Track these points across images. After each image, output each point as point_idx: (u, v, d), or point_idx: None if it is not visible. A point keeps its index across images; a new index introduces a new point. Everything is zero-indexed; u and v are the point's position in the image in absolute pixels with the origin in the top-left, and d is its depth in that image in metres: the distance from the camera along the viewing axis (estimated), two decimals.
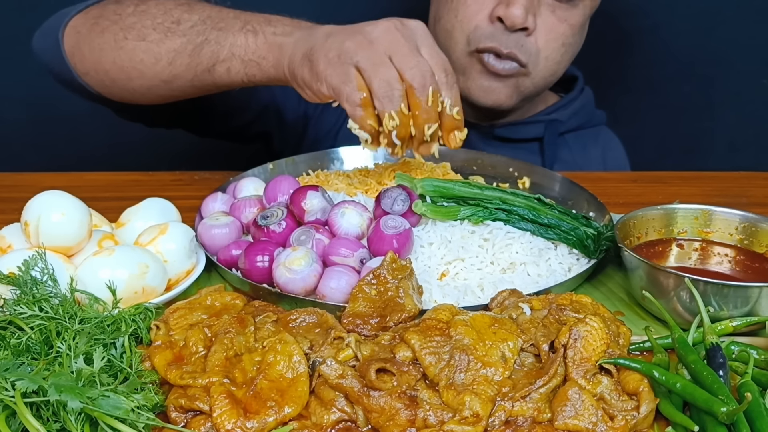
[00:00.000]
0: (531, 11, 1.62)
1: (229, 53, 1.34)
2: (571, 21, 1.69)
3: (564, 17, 1.67)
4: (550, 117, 1.86)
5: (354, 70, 1.21)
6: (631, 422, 0.88)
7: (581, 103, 1.91)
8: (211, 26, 1.37)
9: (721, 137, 2.53)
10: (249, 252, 1.16)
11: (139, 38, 1.42)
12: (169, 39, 1.40)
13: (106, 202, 1.37)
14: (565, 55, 1.73)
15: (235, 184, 1.40)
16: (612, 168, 1.95)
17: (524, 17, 1.60)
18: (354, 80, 1.21)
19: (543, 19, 1.65)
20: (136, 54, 1.42)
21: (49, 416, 0.82)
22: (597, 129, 1.96)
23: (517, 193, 1.28)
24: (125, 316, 0.99)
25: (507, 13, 1.60)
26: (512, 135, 1.85)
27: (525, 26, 1.62)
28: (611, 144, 2.01)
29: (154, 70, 1.42)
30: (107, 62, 1.46)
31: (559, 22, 1.67)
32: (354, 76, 1.21)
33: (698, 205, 1.26)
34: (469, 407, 0.86)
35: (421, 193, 1.28)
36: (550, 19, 1.66)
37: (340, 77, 1.21)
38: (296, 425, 0.88)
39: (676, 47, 2.37)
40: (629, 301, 1.20)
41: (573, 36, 1.71)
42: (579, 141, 1.91)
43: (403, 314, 1.03)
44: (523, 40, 1.64)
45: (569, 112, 1.88)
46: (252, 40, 1.33)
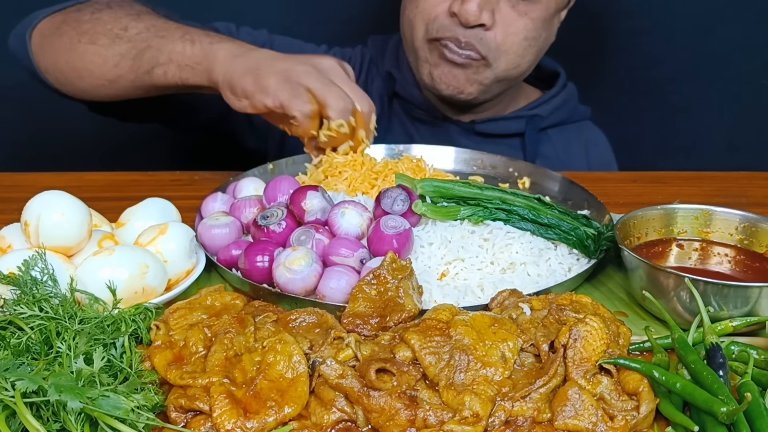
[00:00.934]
0: (487, 7, 1.63)
1: (168, 58, 1.50)
2: (533, 15, 1.68)
3: (525, 11, 1.67)
4: (531, 112, 1.87)
5: (303, 88, 1.38)
6: (631, 422, 0.88)
7: (563, 98, 1.91)
8: (154, 34, 1.54)
9: (721, 137, 2.53)
10: (249, 252, 1.16)
11: (91, 42, 1.58)
12: (116, 44, 1.56)
13: (106, 202, 1.37)
14: (528, 49, 1.72)
15: (235, 184, 1.40)
16: (596, 163, 1.96)
17: (478, 14, 1.61)
18: (304, 96, 1.38)
19: (502, 15, 1.66)
20: (86, 55, 1.58)
21: (49, 416, 0.82)
22: (580, 124, 1.97)
23: (517, 193, 1.28)
24: (125, 316, 0.99)
25: (461, 9, 1.62)
26: (493, 130, 1.86)
27: (480, 22, 1.63)
28: (595, 139, 2.01)
29: (102, 70, 1.58)
30: (62, 62, 1.62)
31: (519, 16, 1.67)
32: (304, 93, 1.38)
33: (698, 205, 1.26)
34: (469, 407, 0.86)
35: (421, 193, 1.28)
36: (510, 14, 1.66)
37: (289, 93, 1.38)
38: (296, 425, 0.88)
39: (676, 47, 2.37)
40: (629, 301, 1.20)
41: (536, 30, 1.70)
42: (562, 136, 1.92)
43: (403, 314, 1.03)
44: (482, 34, 1.66)
45: (551, 108, 1.89)
46: (189, 47, 1.49)
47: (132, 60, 1.54)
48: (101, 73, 1.58)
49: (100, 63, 1.57)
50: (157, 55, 1.51)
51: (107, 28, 1.58)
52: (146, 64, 1.52)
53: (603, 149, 2.02)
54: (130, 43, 1.55)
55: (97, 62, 1.57)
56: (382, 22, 2.04)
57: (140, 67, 1.53)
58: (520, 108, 1.90)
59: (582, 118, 1.97)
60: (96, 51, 1.57)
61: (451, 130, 1.88)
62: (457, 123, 1.86)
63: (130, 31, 1.56)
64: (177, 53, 1.50)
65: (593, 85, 1.97)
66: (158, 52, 1.51)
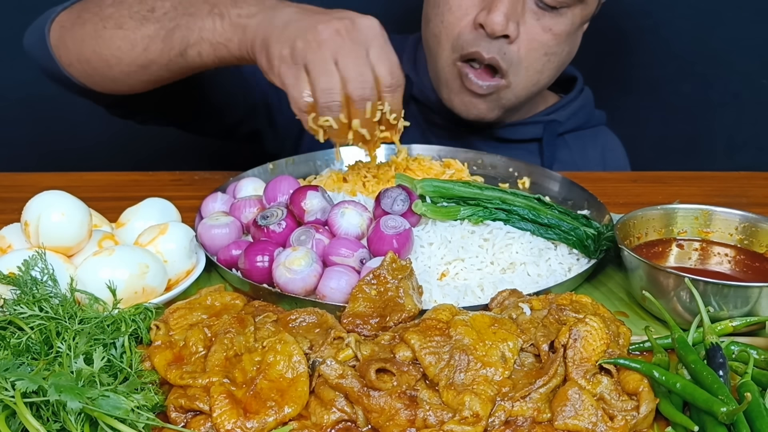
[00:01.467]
0: (513, 18, 1.60)
1: (199, 37, 1.38)
2: (556, 30, 1.65)
3: (549, 26, 1.64)
4: (549, 117, 1.86)
5: (303, 72, 1.26)
6: (631, 422, 0.88)
7: (580, 103, 1.90)
8: (182, 12, 1.42)
9: (721, 137, 2.53)
10: (249, 252, 1.16)
11: (117, 27, 1.47)
12: (144, 26, 1.44)
13: (106, 202, 1.37)
14: (547, 65, 1.70)
15: (235, 184, 1.40)
16: (612, 168, 1.95)
17: (504, 24, 1.58)
18: (302, 83, 1.26)
19: (526, 28, 1.63)
20: (113, 42, 1.47)
21: (49, 416, 0.82)
22: (596, 129, 1.96)
23: (517, 193, 1.28)
24: (125, 316, 0.99)
25: (487, 19, 1.58)
26: (511, 135, 1.85)
27: (506, 33, 1.59)
28: (611, 144, 2.00)
29: (131, 56, 1.46)
30: (88, 51, 1.51)
31: (543, 31, 1.64)
32: (303, 79, 1.26)
33: (698, 205, 1.26)
34: (469, 407, 0.86)
35: (421, 194, 1.28)
36: (534, 28, 1.63)
37: (290, 78, 1.26)
38: (296, 425, 0.88)
39: (677, 47, 2.37)
40: (629, 301, 1.20)
41: (557, 45, 1.68)
42: (578, 141, 1.91)
43: (403, 314, 1.03)
44: (505, 47, 1.62)
45: (568, 113, 1.87)
46: (219, 23, 1.37)
47: (162, 42, 1.42)
48: (131, 58, 1.47)
49: (128, 48, 1.46)
50: (187, 35, 1.40)
51: (133, 11, 1.47)
52: (178, 46, 1.41)
53: (618, 154, 2.01)
54: (158, 23, 1.43)
55: (125, 47, 1.46)
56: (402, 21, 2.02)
57: (172, 49, 1.42)
58: (538, 113, 1.89)
59: (598, 123, 1.97)
60: (124, 35, 1.46)
61: (469, 135, 1.85)
62: (475, 128, 1.83)
63: (157, 11, 1.45)
64: (207, 30, 1.38)
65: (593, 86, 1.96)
66: (188, 31, 1.39)
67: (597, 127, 1.97)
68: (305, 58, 1.25)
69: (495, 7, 1.58)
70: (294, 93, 1.26)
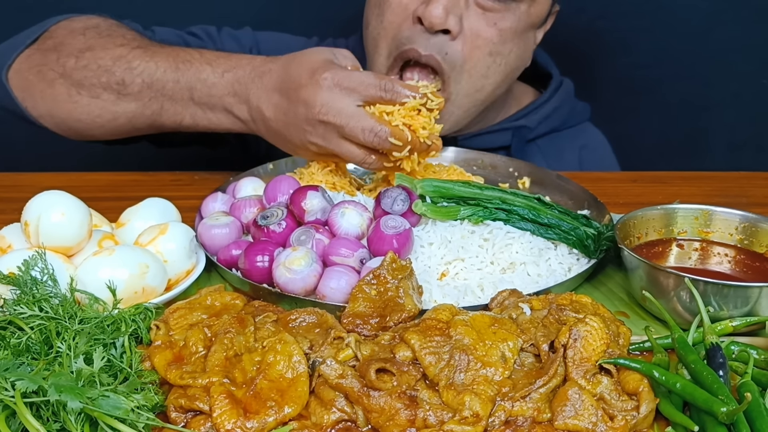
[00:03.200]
0: (454, 12, 1.48)
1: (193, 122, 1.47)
2: (502, 25, 1.52)
3: (494, 20, 1.52)
4: (517, 123, 1.74)
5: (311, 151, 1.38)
6: (631, 422, 0.88)
7: (554, 105, 1.78)
8: (158, 94, 1.46)
9: (721, 137, 2.53)
10: (249, 252, 1.16)
11: (92, 96, 1.48)
12: (123, 101, 1.47)
13: (106, 202, 1.37)
14: (493, 67, 1.56)
15: (235, 184, 1.40)
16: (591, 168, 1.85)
17: (443, 17, 1.45)
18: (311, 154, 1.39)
19: (470, 23, 1.50)
20: (92, 110, 1.48)
21: (49, 416, 0.82)
22: (576, 130, 1.84)
23: (517, 193, 1.28)
24: (125, 316, 0.99)
25: (426, 12, 1.46)
26: (477, 145, 1.71)
27: (445, 27, 1.48)
28: (592, 144, 1.88)
29: (114, 125, 1.50)
30: (63, 113, 1.51)
31: (488, 26, 1.52)
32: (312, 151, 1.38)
33: (698, 205, 1.26)
34: (469, 407, 0.86)
35: (421, 193, 1.28)
36: (478, 22, 1.51)
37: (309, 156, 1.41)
38: (296, 425, 0.88)
39: (676, 47, 2.37)
40: (629, 301, 1.20)
41: (503, 44, 1.54)
42: (552, 145, 1.79)
43: (403, 314, 1.03)
44: (447, 45, 1.50)
45: (540, 117, 1.76)
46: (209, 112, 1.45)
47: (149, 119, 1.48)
48: (114, 126, 1.50)
49: (110, 118, 1.49)
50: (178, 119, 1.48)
51: (102, 81, 1.47)
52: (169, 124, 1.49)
53: (601, 152, 1.90)
54: (138, 101, 1.47)
55: (106, 117, 1.49)
56: None
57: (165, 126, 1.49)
58: (506, 118, 1.77)
59: (579, 121, 1.85)
60: (102, 106, 1.48)
61: None
62: None
63: (129, 86, 1.47)
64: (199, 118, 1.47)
65: (593, 85, 1.96)
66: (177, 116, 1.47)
67: (577, 127, 1.85)
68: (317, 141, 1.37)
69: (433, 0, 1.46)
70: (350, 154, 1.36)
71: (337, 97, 1.32)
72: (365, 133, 1.31)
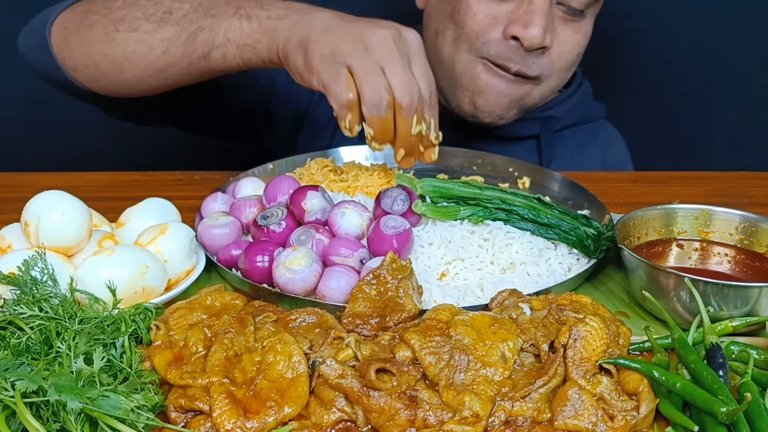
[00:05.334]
0: (549, 29, 1.58)
1: (224, 39, 1.36)
2: (584, 30, 1.66)
3: (577, 27, 1.64)
4: (546, 114, 1.84)
5: (345, 71, 1.24)
6: (631, 422, 0.88)
7: (578, 98, 1.88)
8: (203, 14, 1.39)
9: (721, 137, 2.53)
10: (249, 252, 1.16)
11: (131, 29, 1.42)
12: (162, 28, 1.40)
13: (106, 202, 1.37)
14: (576, 61, 1.71)
15: (235, 184, 1.40)
16: (611, 163, 1.93)
17: (543, 38, 1.56)
18: (344, 81, 1.24)
19: (557, 33, 1.62)
20: (128, 44, 1.43)
21: (49, 416, 0.82)
22: (596, 124, 1.94)
23: (517, 193, 1.28)
24: (125, 316, 0.99)
25: (525, 34, 1.55)
26: (509, 133, 1.82)
27: (544, 45, 1.58)
28: (611, 139, 1.98)
29: (148, 59, 1.42)
30: (97, 55, 1.46)
31: (573, 33, 1.64)
32: (344, 76, 1.24)
33: (698, 205, 1.26)
34: (469, 407, 0.86)
35: (421, 193, 1.28)
36: (565, 32, 1.63)
37: (331, 75, 1.24)
38: (296, 425, 0.88)
39: (677, 47, 2.37)
40: (629, 301, 1.20)
41: (586, 44, 1.69)
42: (576, 138, 1.89)
43: (403, 314, 1.03)
44: (536, 58, 1.61)
45: (566, 108, 1.86)
46: (246, 24, 1.35)
47: (183, 45, 1.39)
48: (147, 62, 1.43)
49: (145, 51, 1.42)
50: (211, 37, 1.37)
51: (148, 13, 1.42)
52: (201, 48, 1.38)
53: (618, 148, 1.99)
54: (177, 26, 1.39)
55: (141, 51, 1.42)
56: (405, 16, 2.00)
57: (194, 51, 1.39)
58: (536, 109, 1.85)
59: (597, 118, 1.95)
60: (139, 38, 1.42)
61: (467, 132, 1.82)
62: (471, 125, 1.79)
63: (175, 13, 1.41)
64: (233, 32, 1.36)
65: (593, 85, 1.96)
66: (212, 32, 1.37)
67: (596, 122, 1.94)
68: (350, 58, 1.24)
69: (533, 22, 1.54)
70: (335, 89, 1.25)
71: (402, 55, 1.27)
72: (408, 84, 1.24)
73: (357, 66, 1.23)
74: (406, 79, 1.24)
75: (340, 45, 1.25)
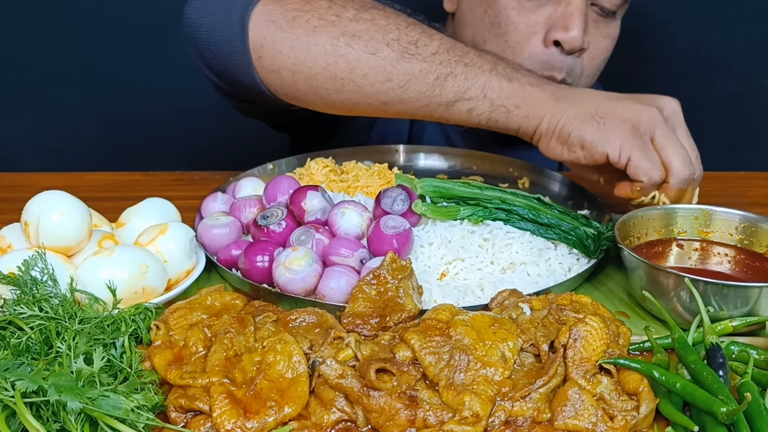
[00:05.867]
0: (586, 30, 1.55)
1: (480, 93, 1.29)
2: (612, 34, 1.64)
3: (606, 32, 1.62)
4: None
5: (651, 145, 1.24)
6: (631, 422, 0.88)
7: None
8: (455, 59, 1.31)
9: (720, 137, 2.53)
10: (249, 252, 1.16)
11: (369, 51, 1.30)
12: (407, 61, 1.29)
13: (106, 202, 1.37)
14: (603, 66, 1.68)
15: (235, 184, 1.40)
16: None
17: (582, 39, 1.53)
18: (656, 158, 1.24)
19: (592, 40, 1.59)
20: (360, 66, 1.30)
21: (49, 416, 0.82)
22: None
23: (517, 193, 1.28)
24: (125, 316, 0.99)
25: (566, 37, 1.52)
26: None
27: (583, 47, 1.56)
28: None
29: (379, 88, 1.31)
30: (317, 67, 1.32)
31: (603, 38, 1.62)
32: (654, 153, 1.24)
33: (698, 205, 1.26)
34: (469, 407, 0.86)
35: (421, 193, 1.28)
36: (596, 37, 1.61)
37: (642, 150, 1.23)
38: (296, 425, 0.88)
39: (676, 47, 2.37)
40: (629, 301, 1.20)
41: (612, 48, 1.66)
42: None
43: (403, 314, 1.03)
44: (573, 62, 1.59)
45: None
46: (507, 85, 1.30)
47: (429, 86, 1.29)
48: (376, 90, 1.30)
49: (379, 80, 1.30)
50: (465, 87, 1.29)
51: (390, 38, 1.30)
52: (448, 95, 1.29)
53: None
54: (425, 63, 1.29)
55: (374, 78, 1.30)
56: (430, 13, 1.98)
57: (438, 96, 1.29)
58: None
59: None
60: (377, 64, 1.29)
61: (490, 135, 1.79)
62: None
63: (422, 48, 1.30)
64: (492, 89, 1.29)
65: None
66: (467, 83, 1.29)
67: None
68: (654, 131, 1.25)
69: (572, 24, 1.51)
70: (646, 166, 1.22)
71: None
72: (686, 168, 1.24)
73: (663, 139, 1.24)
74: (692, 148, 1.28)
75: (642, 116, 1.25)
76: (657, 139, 1.24)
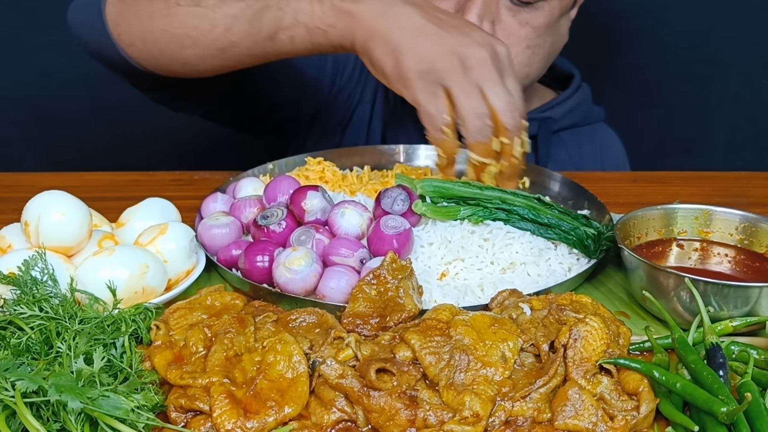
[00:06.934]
0: (487, 17, 1.54)
1: (293, 20, 1.29)
2: (534, 23, 1.60)
3: (526, 20, 1.59)
4: (543, 115, 1.83)
5: (443, 92, 1.22)
6: (631, 422, 0.88)
7: (576, 101, 1.87)
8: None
9: (720, 137, 2.54)
10: (249, 252, 1.16)
11: (193, 3, 1.36)
12: (226, 4, 1.34)
13: (106, 202, 1.37)
14: (533, 57, 1.65)
15: (235, 184, 1.40)
16: (609, 166, 1.93)
17: (479, 24, 1.51)
18: (442, 103, 1.22)
19: (503, 25, 1.58)
20: (189, 20, 1.36)
21: (49, 416, 0.82)
22: (594, 127, 1.93)
23: (517, 193, 1.28)
24: (125, 316, 0.99)
25: None
26: None
27: None
28: (609, 142, 1.98)
29: (210, 37, 1.36)
30: (157, 30, 1.39)
31: (520, 26, 1.59)
32: (442, 98, 1.21)
33: (698, 205, 1.26)
34: (469, 407, 0.86)
35: (421, 193, 1.28)
36: (511, 24, 1.58)
37: (427, 96, 1.21)
38: (296, 425, 0.88)
39: (676, 47, 2.38)
40: (629, 301, 1.20)
41: (539, 37, 1.62)
42: (575, 139, 1.88)
43: (403, 314, 1.03)
44: None
45: (563, 110, 1.85)
46: (318, 6, 1.28)
47: (248, 23, 1.32)
48: (209, 40, 1.35)
49: (207, 28, 1.34)
50: (280, 17, 1.29)
51: None
52: (267, 28, 1.31)
53: (617, 152, 1.99)
54: (242, 2, 1.32)
55: (203, 27, 1.35)
56: None
57: (260, 31, 1.31)
58: (533, 110, 1.85)
59: (596, 120, 1.93)
60: (202, 14, 1.34)
61: None
62: None
63: None
64: (304, 13, 1.28)
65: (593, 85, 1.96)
66: (280, 12, 1.29)
67: (595, 124, 1.93)
68: (448, 80, 1.21)
69: (468, 9, 1.53)
70: (431, 110, 1.22)
71: None
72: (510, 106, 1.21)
73: (457, 88, 1.21)
74: (508, 100, 1.23)
75: (437, 64, 1.21)
76: (451, 90, 1.21)
